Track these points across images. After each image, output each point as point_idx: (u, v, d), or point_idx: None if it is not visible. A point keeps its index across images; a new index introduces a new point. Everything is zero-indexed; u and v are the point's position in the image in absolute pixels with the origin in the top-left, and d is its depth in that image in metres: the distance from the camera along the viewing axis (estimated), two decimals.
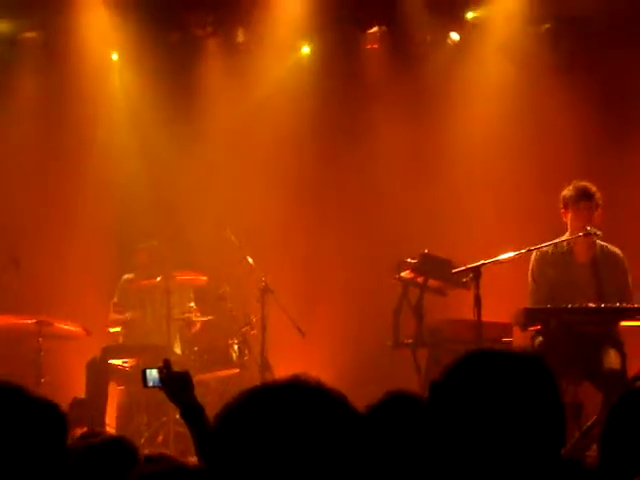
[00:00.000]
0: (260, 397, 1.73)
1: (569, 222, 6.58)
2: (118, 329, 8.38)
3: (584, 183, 6.56)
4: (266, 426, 1.67)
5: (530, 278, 6.68)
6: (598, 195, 6.52)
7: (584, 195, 6.49)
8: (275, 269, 8.17)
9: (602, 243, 6.67)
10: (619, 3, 8.55)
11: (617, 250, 6.72)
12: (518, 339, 6.74)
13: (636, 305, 6.32)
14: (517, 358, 2.02)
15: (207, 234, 8.53)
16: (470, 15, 9.04)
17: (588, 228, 6.41)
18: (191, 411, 3.50)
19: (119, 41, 9.14)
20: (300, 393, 1.71)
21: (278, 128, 9.24)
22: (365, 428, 1.74)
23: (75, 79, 9.06)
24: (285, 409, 1.69)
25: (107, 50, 9.27)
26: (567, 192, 6.56)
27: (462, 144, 8.97)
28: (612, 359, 6.35)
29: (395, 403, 2.80)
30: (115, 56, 9.33)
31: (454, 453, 1.94)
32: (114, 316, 8.36)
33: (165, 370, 3.61)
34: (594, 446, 6.08)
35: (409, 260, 6.85)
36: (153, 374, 3.65)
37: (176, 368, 3.72)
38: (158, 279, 8.02)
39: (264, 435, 1.66)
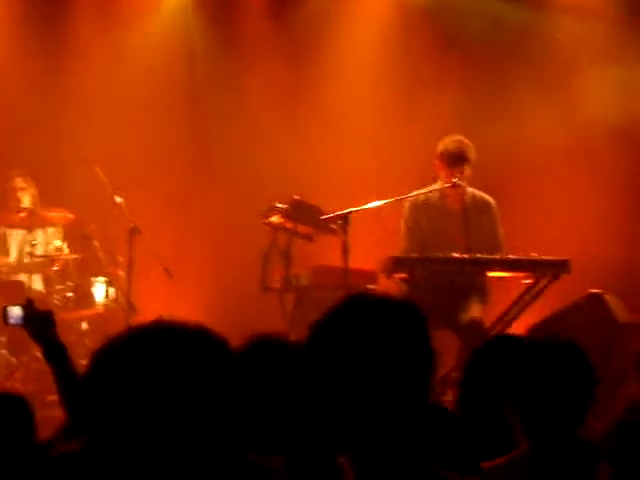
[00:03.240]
0: (138, 340, 1.71)
1: (441, 175, 6.70)
2: None
3: (462, 145, 6.59)
4: (141, 369, 1.66)
5: (403, 226, 6.77)
6: (472, 157, 6.63)
7: (461, 159, 6.58)
8: (145, 210, 8.06)
9: (474, 191, 6.80)
10: None
11: (489, 198, 6.85)
12: (382, 286, 6.85)
13: (498, 256, 6.52)
14: (394, 304, 2.08)
15: (75, 170, 8.34)
16: None
17: (454, 180, 6.56)
18: (53, 350, 3.45)
19: None
20: (180, 334, 1.70)
21: (153, 70, 9.06)
22: (240, 370, 1.75)
23: None
24: (163, 352, 1.68)
25: None
26: (445, 150, 6.60)
27: (336, 88, 8.99)
28: (473, 308, 6.54)
29: (261, 346, 2.83)
30: None
31: (324, 395, 1.99)
32: None
33: (27, 308, 3.55)
34: (449, 391, 6.30)
35: (279, 205, 6.87)
36: (15, 311, 3.58)
37: (39, 306, 3.66)
38: (23, 215, 7.83)
39: (139, 379, 1.65)
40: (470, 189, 6.76)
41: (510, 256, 6.49)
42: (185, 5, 9.31)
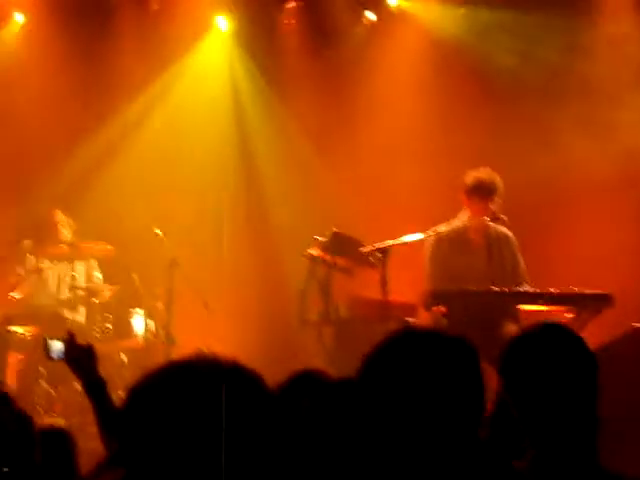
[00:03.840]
0: (174, 374, 1.71)
1: (468, 208, 6.68)
2: (20, 295, 8.21)
3: (487, 177, 6.60)
4: (178, 404, 1.65)
5: (427, 260, 6.77)
6: (500, 187, 6.61)
7: (487, 190, 6.57)
8: (184, 242, 8.11)
9: (493, 225, 6.79)
10: None
11: (506, 231, 6.86)
12: (422, 319, 6.82)
13: (532, 289, 6.47)
14: (444, 338, 2.06)
15: (116, 202, 8.41)
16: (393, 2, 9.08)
17: (485, 218, 6.57)
18: (94, 385, 3.45)
19: (26, 1, 8.90)
20: (215, 371, 1.70)
21: (191, 99, 9.16)
22: (277, 407, 1.74)
23: None
24: (199, 387, 1.67)
25: (10, 9, 9.00)
26: (470, 182, 6.61)
27: (373, 123, 9.02)
28: (511, 333, 6.48)
29: (303, 382, 2.81)
30: (20, 17, 9.07)
31: (380, 429, 1.97)
32: (15, 282, 8.19)
33: (69, 342, 3.56)
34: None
35: (318, 238, 6.86)
36: (57, 346, 3.58)
37: (78, 338, 3.66)
38: (64, 247, 7.88)
39: (175, 413, 1.65)
40: (491, 223, 6.74)
41: (551, 289, 6.43)
42: (226, 41, 9.39)
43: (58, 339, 3.60)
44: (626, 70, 8.41)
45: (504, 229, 6.84)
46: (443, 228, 6.74)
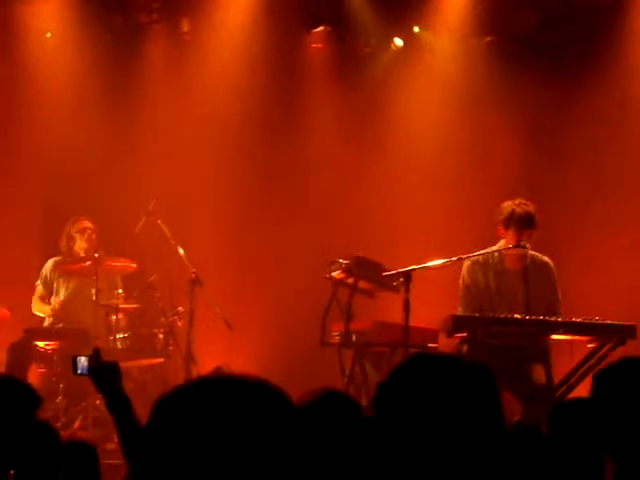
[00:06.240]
0: (199, 391, 1.72)
1: (506, 237, 6.61)
2: (41, 313, 8.30)
3: (529, 209, 6.52)
4: (203, 421, 1.66)
5: (461, 285, 6.72)
6: (538, 219, 6.57)
7: (528, 223, 6.49)
8: (206, 262, 8.14)
9: (533, 253, 6.73)
10: (559, 18, 8.71)
11: (547, 260, 6.79)
12: (443, 345, 6.79)
13: (561, 319, 6.42)
14: (460, 364, 2.04)
15: (139, 221, 8.44)
16: (416, 29, 9.11)
17: (522, 243, 6.49)
18: (117, 402, 3.46)
19: (55, 18, 8.97)
20: (240, 386, 1.71)
21: (217, 121, 9.21)
22: (302, 423, 1.74)
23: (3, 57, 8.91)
24: (225, 403, 1.68)
25: (41, 27, 9.08)
26: (512, 214, 6.50)
27: (399, 149, 9.04)
28: (537, 373, 6.44)
29: (329, 401, 2.81)
30: (48, 35, 9.14)
31: (393, 456, 1.96)
32: (39, 304, 8.29)
33: (94, 359, 3.58)
34: None
35: (341, 261, 6.87)
36: (83, 362, 3.61)
37: (103, 356, 3.69)
38: (87, 263, 7.93)
39: (199, 430, 1.65)
40: (531, 251, 6.69)
41: (575, 319, 6.39)
42: (248, 63, 9.43)
43: (84, 356, 3.63)
44: None
45: (544, 258, 6.77)
46: (477, 254, 6.68)
